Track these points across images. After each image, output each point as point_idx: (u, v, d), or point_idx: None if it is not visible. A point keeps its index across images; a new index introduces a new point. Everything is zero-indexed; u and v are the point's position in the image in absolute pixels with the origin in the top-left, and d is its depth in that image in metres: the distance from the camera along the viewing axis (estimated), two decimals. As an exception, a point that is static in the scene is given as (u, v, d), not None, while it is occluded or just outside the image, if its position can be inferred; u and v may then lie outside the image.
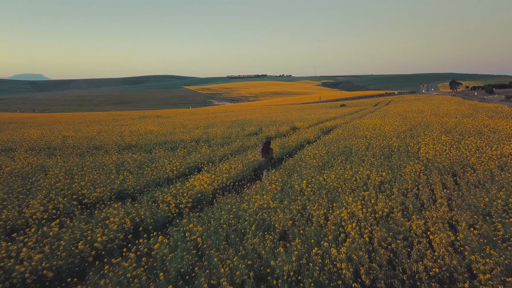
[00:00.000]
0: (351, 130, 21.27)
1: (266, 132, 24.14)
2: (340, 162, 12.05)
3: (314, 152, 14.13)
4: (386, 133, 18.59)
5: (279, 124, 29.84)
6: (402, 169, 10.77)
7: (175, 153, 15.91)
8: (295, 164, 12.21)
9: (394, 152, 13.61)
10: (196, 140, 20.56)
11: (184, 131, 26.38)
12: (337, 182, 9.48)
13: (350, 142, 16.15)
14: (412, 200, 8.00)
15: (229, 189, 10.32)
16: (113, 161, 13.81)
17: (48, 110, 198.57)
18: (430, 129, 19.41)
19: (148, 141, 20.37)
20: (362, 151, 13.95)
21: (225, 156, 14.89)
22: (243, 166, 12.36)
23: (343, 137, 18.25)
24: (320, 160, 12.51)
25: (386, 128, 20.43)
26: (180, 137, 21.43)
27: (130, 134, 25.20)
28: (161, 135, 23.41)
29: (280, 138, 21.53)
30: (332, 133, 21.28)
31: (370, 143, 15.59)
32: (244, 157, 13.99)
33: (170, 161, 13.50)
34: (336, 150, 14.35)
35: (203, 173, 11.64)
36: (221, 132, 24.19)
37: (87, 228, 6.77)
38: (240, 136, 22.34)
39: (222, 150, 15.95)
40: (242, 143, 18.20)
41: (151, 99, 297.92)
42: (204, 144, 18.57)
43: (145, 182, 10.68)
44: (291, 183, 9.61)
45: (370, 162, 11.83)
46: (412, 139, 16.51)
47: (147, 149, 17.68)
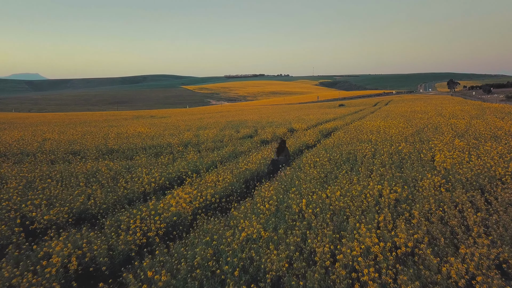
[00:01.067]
0: (353, 133, 19.63)
1: (261, 134, 22.46)
2: (344, 173, 10.39)
3: (315, 159, 12.47)
4: (393, 137, 16.96)
5: (276, 126, 28.16)
6: (419, 182, 9.14)
7: (158, 159, 14.21)
8: (292, 175, 10.54)
9: (405, 159, 11.97)
10: (185, 143, 18.86)
11: (174, 133, 24.67)
12: (344, 201, 7.82)
13: (354, 147, 14.50)
14: (440, 228, 6.35)
15: (214, 207, 8.65)
16: (85, 170, 12.11)
17: (45, 110, 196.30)
18: (439, 132, 17.80)
19: (132, 145, 18.66)
20: (368, 159, 12.30)
21: (213, 164, 13.21)
22: (233, 177, 10.68)
23: (345, 141, 16.60)
24: (322, 170, 10.85)
25: (392, 131, 18.79)
26: (168, 140, 19.72)
27: (116, 136, 23.47)
28: (149, 138, 21.70)
29: (277, 141, 19.82)
30: (333, 136, 19.62)
31: (376, 149, 13.94)
32: (235, 166, 12.30)
33: (150, 171, 11.81)
34: (339, 157, 12.70)
35: (185, 186, 9.96)
36: (213, 134, 22.49)
37: (12, 276, 5.06)
38: (234, 139, 20.66)
39: (211, 157, 14.27)
40: (235, 148, 16.51)
41: (149, 99, 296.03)
42: (192, 149, 16.88)
43: (115, 198, 8.98)
44: (288, 202, 7.94)
45: (380, 173, 10.19)
46: (423, 143, 14.88)
47: (129, 155, 15.97)
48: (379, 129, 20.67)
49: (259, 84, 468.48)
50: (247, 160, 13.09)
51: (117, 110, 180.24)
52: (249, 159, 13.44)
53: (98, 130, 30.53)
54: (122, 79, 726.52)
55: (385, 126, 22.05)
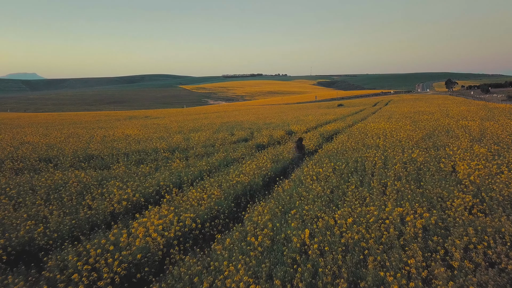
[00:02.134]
0: (357, 137, 17.96)
1: (257, 138, 20.76)
2: (354, 188, 8.69)
3: (317, 169, 10.79)
4: (402, 142, 15.30)
5: (273, 128, 26.48)
6: (446, 202, 7.47)
7: (139, 168, 12.49)
8: (292, 191, 8.84)
9: (423, 170, 10.30)
10: (173, 149, 17.14)
11: (164, 136, 22.94)
12: (357, 230, 6.14)
13: (361, 154, 12.81)
14: (492, 276, 4.67)
15: (194, 235, 6.96)
16: (51, 183, 10.37)
17: (41, 110, 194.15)
18: (453, 136, 16.15)
19: (115, 150, 16.93)
20: (379, 169, 10.61)
21: (200, 175, 11.50)
22: (222, 193, 8.98)
23: (350, 147, 14.92)
24: (326, 185, 9.15)
25: (400, 135, 17.13)
26: (155, 145, 17.99)
27: (100, 140, 21.73)
28: (135, 142, 19.96)
29: (274, 146, 18.16)
30: (335, 140, 17.95)
31: (386, 157, 12.26)
32: (225, 178, 10.58)
33: (125, 184, 10.08)
34: (345, 167, 11.01)
35: (162, 206, 8.25)
36: (205, 137, 20.77)
37: None
38: (227, 143, 18.94)
39: (199, 165, 12.54)
40: (227, 154, 14.79)
41: (146, 99, 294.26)
42: (180, 155, 15.16)
43: (73, 223, 7.27)
44: (287, 233, 6.24)
45: (396, 189, 8.50)
46: (438, 150, 13.22)
47: (108, 163, 14.23)
48: (385, 132, 19.00)
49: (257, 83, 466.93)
50: (239, 171, 11.37)
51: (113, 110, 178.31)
52: (242, 168, 11.73)
53: (85, 132, 28.78)
54: (120, 79, 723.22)
55: (391, 128, 20.39)
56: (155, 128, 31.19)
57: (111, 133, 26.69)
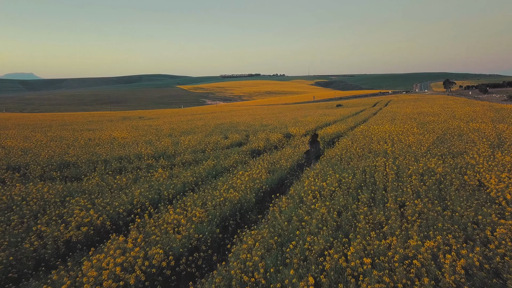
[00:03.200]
0: (362, 141, 16.42)
1: (253, 141, 19.18)
2: (367, 210, 7.13)
3: (320, 183, 9.22)
4: (412, 147, 13.76)
5: (270, 130, 24.91)
6: (485, 230, 5.92)
7: (116, 179, 10.89)
8: (291, 214, 7.26)
9: (444, 183, 8.75)
10: (159, 154, 15.54)
11: (152, 139, 21.32)
12: (379, 277, 4.59)
13: (368, 163, 11.25)
14: None
15: (166, 276, 5.38)
16: (6, 200, 8.76)
17: (38, 110, 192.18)
18: (468, 141, 14.63)
19: (96, 156, 15.32)
20: (392, 182, 9.06)
21: (184, 189, 9.92)
22: (206, 215, 7.41)
23: (355, 153, 13.36)
24: (332, 204, 7.59)
25: (409, 139, 15.58)
26: (140, 150, 16.38)
27: (84, 144, 20.10)
28: (120, 147, 18.34)
29: (270, 151, 16.58)
30: (337, 145, 16.39)
31: (399, 166, 10.70)
32: (212, 193, 8.99)
33: (91, 202, 8.48)
34: (353, 179, 9.45)
35: (130, 234, 6.66)
36: (197, 141, 19.17)
37: None
38: (219, 147, 17.35)
39: (184, 177, 10.95)
40: (217, 162, 13.18)
41: (143, 99, 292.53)
42: (165, 162, 13.56)
43: (9, 262, 5.67)
44: (284, 282, 4.67)
45: (418, 211, 6.95)
46: (455, 157, 11.68)
47: (83, 172, 12.61)
48: (391, 135, 17.47)
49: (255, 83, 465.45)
50: (229, 184, 9.78)
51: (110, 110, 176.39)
52: (232, 180, 10.14)
53: (71, 134, 27.12)
54: (118, 79, 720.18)
55: (397, 131, 18.86)
56: (146, 130, 29.56)
57: (98, 135, 25.06)
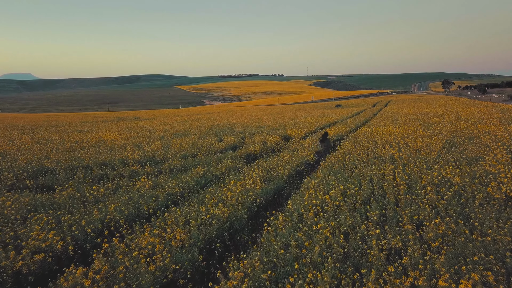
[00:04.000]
0: (365, 144, 15.27)
1: (248, 145, 18.02)
2: (379, 233, 5.96)
3: (322, 197, 8.04)
4: (421, 152, 12.61)
5: (267, 132, 23.76)
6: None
7: (93, 189, 9.70)
8: (288, 237, 6.09)
9: (464, 196, 7.60)
10: (146, 160, 14.35)
11: (142, 142, 20.12)
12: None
13: (375, 171, 10.09)
14: None
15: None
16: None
17: (35, 110, 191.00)
18: (480, 145, 13.49)
19: (78, 161, 14.13)
20: (405, 195, 7.89)
21: (167, 201, 8.74)
22: (188, 238, 6.23)
23: (359, 159, 12.20)
24: (338, 224, 6.43)
25: (416, 143, 14.43)
26: (127, 154, 15.20)
27: (69, 147, 18.91)
28: (106, 150, 17.14)
29: (267, 156, 15.41)
30: (339, 149, 15.22)
31: (409, 175, 9.54)
32: (198, 209, 7.80)
33: (57, 219, 7.30)
34: (359, 191, 8.29)
35: (93, 264, 5.47)
36: (188, 144, 17.98)
37: None
38: (212, 152, 16.16)
39: (169, 187, 9.76)
40: (207, 169, 11.99)
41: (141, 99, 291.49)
42: (151, 169, 12.38)
43: None
44: None
45: (441, 234, 5.79)
46: (471, 164, 10.52)
47: (59, 180, 11.40)
48: (396, 138, 16.32)
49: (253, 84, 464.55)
50: (218, 196, 8.60)
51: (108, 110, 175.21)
52: (223, 191, 8.96)
53: (59, 136, 25.91)
54: (116, 79, 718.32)
55: (402, 134, 17.73)
56: (138, 131, 28.35)
57: (87, 137, 23.85)
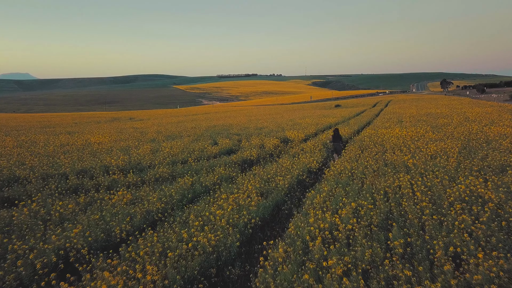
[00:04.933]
0: (372, 149, 13.89)
1: (245, 148, 16.61)
2: (411, 276, 4.56)
3: (330, 217, 6.65)
4: (436, 158, 11.22)
5: (265, 133, 22.37)
6: None
7: (61, 205, 8.28)
8: (291, 278, 4.69)
9: (504, 218, 6.22)
10: (131, 166, 12.93)
11: (131, 145, 18.67)
12: None
13: (389, 183, 8.68)
14: None
15: None
16: None
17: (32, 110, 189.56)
18: (500, 149, 12.12)
19: (55, 168, 12.70)
20: (431, 217, 6.50)
21: (145, 222, 7.32)
22: (162, 278, 4.82)
23: (368, 166, 10.81)
24: (353, 259, 5.03)
25: (429, 147, 13.04)
26: (110, 160, 13.77)
27: (52, 151, 17.47)
28: (89, 155, 15.71)
29: (265, 161, 14.01)
30: (344, 154, 13.82)
31: (431, 188, 8.12)
32: (180, 233, 6.39)
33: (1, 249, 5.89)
34: (374, 211, 6.89)
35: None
36: (179, 149, 16.55)
37: None
38: (204, 157, 14.74)
39: (150, 201, 8.35)
40: (197, 178, 10.58)
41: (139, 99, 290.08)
42: (134, 178, 10.96)
43: None
44: None
45: (494, 279, 4.40)
46: (500, 175, 9.14)
47: (28, 192, 9.97)
48: (406, 142, 14.93)
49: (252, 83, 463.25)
50: (205, 217, 7.18)
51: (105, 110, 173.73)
52: (212, 209, 7.56)
53: (45, 138, 24.44)
54: (114, 79, 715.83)
55: (411, 137, 16.35)
56: (130, 133, 26.90)
57: (74, 140, 22.40)
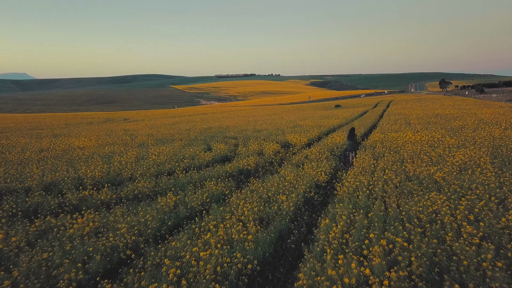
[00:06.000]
0: (387, 157, 12.07)
1: (242, 155, 14.79)
2: None
3: (356, 265, 4.84)
4: (467, 170, 9.41)
5: (264, 137, 20.56)
6: None
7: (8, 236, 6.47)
8: None
9: None
10: (109, 179, 11.09)
11: (116, 151, 16.81)
12: None
13: (420, 205, 6.88)
14: None
15: None
16: None
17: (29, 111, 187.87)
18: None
19: (21, 180, 10.88)
20: (491, 263, 4.71)
21: (105, 266, 5.51)
22: None
23: (387, 180, 9.01)
24: None
25: (454, 155, 11.24)
26: (86, 171, 11.92)
27: (26, 158, 15.65)
28: (64, 165, 13.86)
29: (263, 173, 12.19)
30: (355, 163, 12.00)
31: (478, 217, 6.34)
32: (143, 285, 4.59)
33: None
34: (414, 252, 5.09)
35: None
36: (169, 155, 14.71)
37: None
38: (196, 165, 12.90)
39: (117, 234, 6.52)
40: (181, 198, 8.74)
41: (137, 99, 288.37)
42: (108, 195, 9.14)
43: None
44: None
45: None
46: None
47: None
48: (424, 148, 13.13)
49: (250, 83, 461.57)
50: (187, 258, 5.36)
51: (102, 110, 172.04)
52: (194, 249, 5.73)
53: (26, 142, 22.58)
54: (112, 79, 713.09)
55: (428, 142, 14.56)
56: (118, 136, 25.03)
57: (56, 144, 20.53)
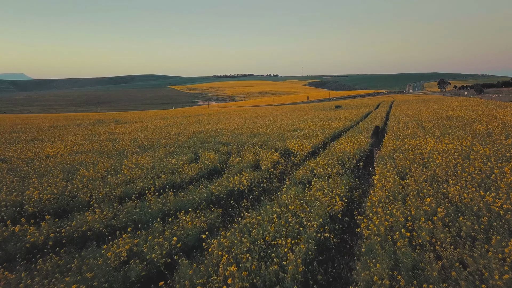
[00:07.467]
0: (415, 172, 9.62)
1: (234, 166, 12.30)
2: None
3: None
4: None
5: (261, 142, 18.11)
6: None
7: None
8: None
9: None
10: (58, 205, 8.59)
11: (87, 160, 14.31)
12: None
13: (493, 263, 4.44)
14: None
15: None
16: None
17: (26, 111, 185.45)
18: None
19: None
20: None
21: None
22: None
23: (429, 213, 6.55)
24: None
25: (507, 175, 8.81)
26: (35, 192, 9.44)
27: None
28: (17, 182, 11.37)
29: (258, 197, 9.71)
30: (376, 182, 9.53)
31: None
32: None
33: None
34: None
35: None
36: (147, 166, 12.21)
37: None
38: (176, 182, 10.42)
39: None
40: (141, 241, 6.26)
41: (135, 99, 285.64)
42: (43, 232, 6.65)
43: None
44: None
45: None
46: None
47: None
48: (456, 161, 10.67)
49: (248, 84, 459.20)
50: None
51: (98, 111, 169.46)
52: None
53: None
54: (110, 79, 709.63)
55: (457, 151, 12.10)
56: (99, 141, 22.49)
57: (23, 152, 17.99)
